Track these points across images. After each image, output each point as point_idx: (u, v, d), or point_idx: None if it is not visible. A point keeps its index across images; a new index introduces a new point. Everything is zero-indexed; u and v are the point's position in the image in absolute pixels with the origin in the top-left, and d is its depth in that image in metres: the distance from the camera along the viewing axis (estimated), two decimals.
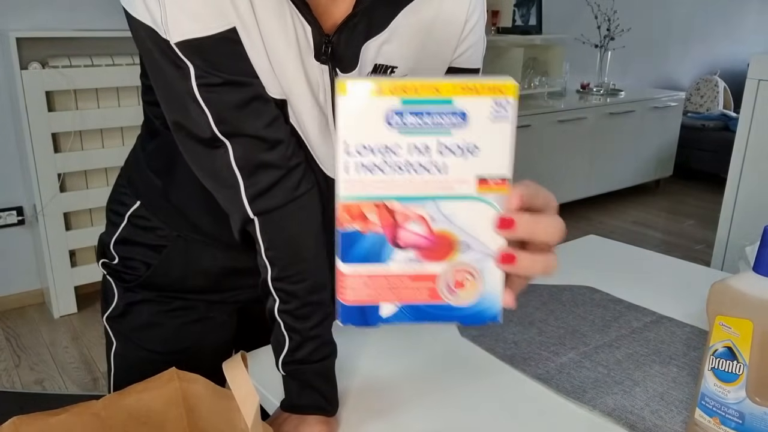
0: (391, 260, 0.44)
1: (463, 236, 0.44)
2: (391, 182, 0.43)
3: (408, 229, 0.44)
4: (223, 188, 0.66)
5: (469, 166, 0.43)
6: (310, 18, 0.63)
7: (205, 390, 0.64)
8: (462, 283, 0.45)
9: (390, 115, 0.42)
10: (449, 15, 0.70)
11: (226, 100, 0.62)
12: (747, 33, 5.75)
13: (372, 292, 0.45)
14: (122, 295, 0.88)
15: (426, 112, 0.42)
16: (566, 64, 4.16)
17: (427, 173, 0.43)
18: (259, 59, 0.63)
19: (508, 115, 0.43)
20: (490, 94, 0.42)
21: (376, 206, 0.43)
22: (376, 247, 0.44)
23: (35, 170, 2.52)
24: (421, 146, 0.43)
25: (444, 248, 0.44)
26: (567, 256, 1.22)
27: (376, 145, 0.43)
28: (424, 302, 0.45)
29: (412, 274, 0.45)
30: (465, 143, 0.43)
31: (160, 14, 0.58)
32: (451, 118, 0.43)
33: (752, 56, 1.96)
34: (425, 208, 0.44)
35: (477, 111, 0.42)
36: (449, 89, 0.42)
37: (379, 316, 0.45)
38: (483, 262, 0.45)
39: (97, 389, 2.25)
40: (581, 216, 4.15)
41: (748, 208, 2.01)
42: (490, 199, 0.44)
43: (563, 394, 0.78)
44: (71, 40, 2.61)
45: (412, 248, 0.44)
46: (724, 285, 0.63)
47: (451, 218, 0.44)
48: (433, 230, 0.44)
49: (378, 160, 0.43)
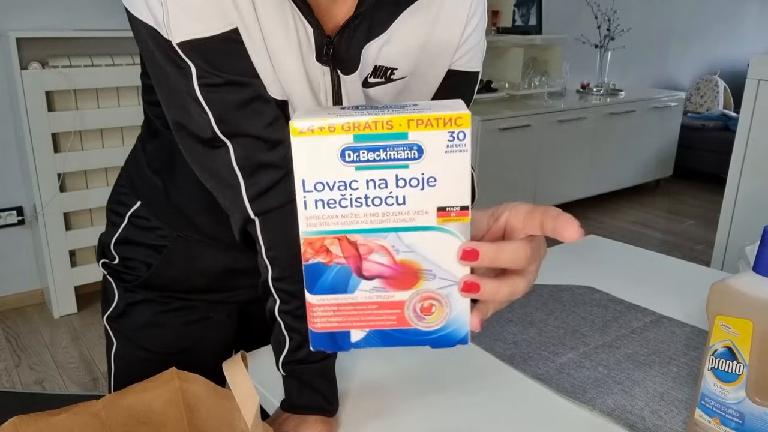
0: (357, 290, 0.45)
1: (427, 265, 0.45)
2: (351, 216, 0.44)
3: (371, 260, 0.45)
4: (224, 188, 0.66)
5: (429, 198, 0.44)
6: (311, 19, 0.63)
7: (205, 390, 0.64)
8: (429, 309, 0.46)
9: (344, 151, 0.43)
10: (450, 17, 0.70)
11: (227, 100, 0.62)
12: (747, 33, 5.75)
13: (341, 319, 0.46)
14: (122, 296, 0.88)
15: (381, 147, 0.43)
16: (566, 64, 4.16)
17: (386, 206, 0.44)
18: (260, 59, 0.63)
19: (463, 145, 0.43)
20: (444, 127, 0.42)
21: (338, 239, 0.44)
22: (342, 278, 0.45)
23: (35, 170, 2.52)
24: (379, 180, 0.43)
25: (409, 277, 0.45)
26: (567, 256, 1.22)
27: (333, 181, 0.43)
28: (393, 327, 0.46)
29: (379, 302, 0.46)
30: (423, 176, 0.43)
31: (162, 14, 0.58)
32: (407, 152, 0.43)
33: (752, 56, 1.96)
34: (387, 240, 0.44)
35: (433, 144, 0.43)
36: (403, 124, 0.42)
37: (350, 341, 0.47)
38: (449, 289, 0.46)
39: (97, 389, 2.25)
40: (581, 216, 4.15)
41: (748, 208, 2.01)
42: (452, 229, 0.44)
43: (563, 394, 0.78)
44: (71, 40, 2.61)
45: (378, 278, 0.45)
46: (724, 285, 0.63)
47: (413, 248, 0.45)
48: (397, 260, 0.45)
49: (336, 195, 0.43)
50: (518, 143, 3.65)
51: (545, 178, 3.88)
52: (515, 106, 3.80)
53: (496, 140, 3.51)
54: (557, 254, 1.24)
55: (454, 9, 0.70)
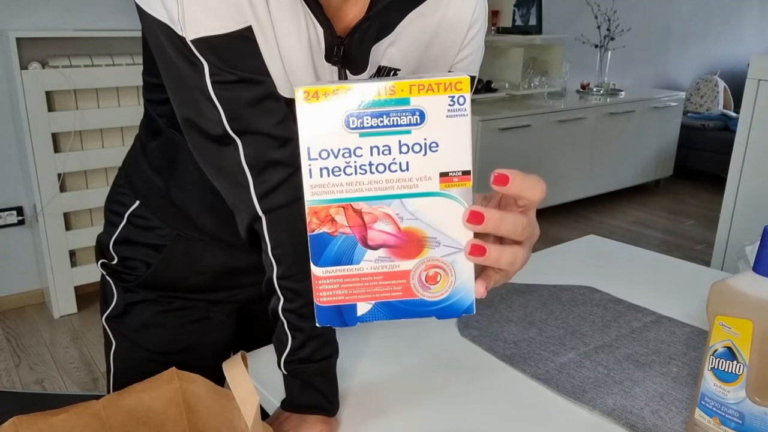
0: (363, 260, 0.45)
1: (431, 232, 0.45)
2: (355, 184, 0.44)
3: (376, 229, 0.45)
4: (232, 186, 0.66)
5: (431, 163, 0.45)
6: (322, 19, 0.63)
7: (205, 390, 0.64)
8: (434, 278, 0.46)
9: (348, 118, 0.43)
10: (453, 20, 0.71)
11: (239, 98, 0.62)
12: (747, 33, 5.75)
13: (346, 292, 0.46)
14: (122, 296, 0.88)
15: (384, 113, 0.44)
16: (566, 64, 4.17)
17: (390, 173, 0.44)
18: (271, 58, 0.63)
19: (464, 110, 0.44)
20: (445, 91, 0.43)
21: (343, 208, 0.44)
22: (347, 249, 0.45)
23: (35, 170, 2.52)
24: (383, 147, 0.44)
25: (413, 245, 0.46)
26: (567, 256, 1.22)
27: (338, 148, 0.44)
28: (398, 299, 0.46)
29: (385, 272, 0.46)
30: (425, 141, 0.44)
31: (178, 11, 0.58)
32: (409, 117, 0.44)
33: (752, 56, 1.96)
34: (391, 207, 0.45)
35: (434, 109, 0.44)
36: (405, 89, 0.43)
37: (356, 315, 0.46)
38: (453, 256, 0.46)
39: (97, 389, 2.25)
40: (581, 216, 4.15)
41: (748, 208, 2.01)
42: (454, 194, 0.45)
43: (563, 394, 0.78)
44: (71, 40, 2.61)
45: (383, 247, 0.45)
46: (724, 285, 0.63)
47: (417, 215, 0.45)
48: (401, 228, 0.45)
49: (341, 162, 0.44)
50: (518, 143, 3.65)
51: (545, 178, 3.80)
52: (515, 106, 3.80)
53: (496, 140, 3.51)
54: (557, 254, 1.24)
55: (458, 13, 0.71)
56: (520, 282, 1.10)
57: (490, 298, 1.03)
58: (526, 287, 1.08)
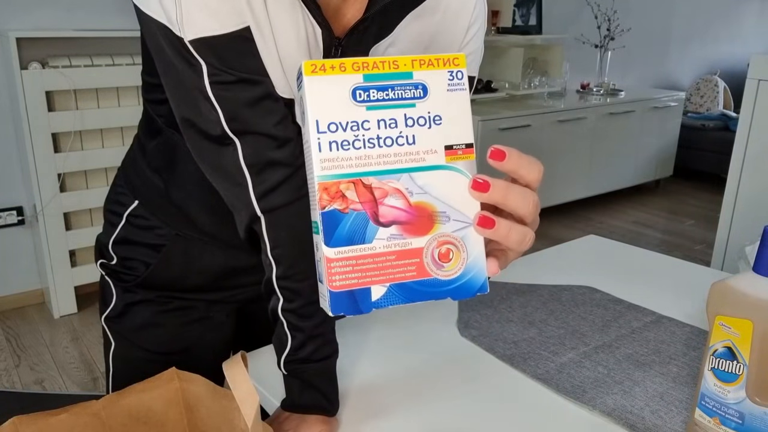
0: (375, 239, 0.45)
1: (441, 206, 0.46)
2: (364, 158, 0.44)
3: (387, 204, 0.45)
4: (231, 186, 0.66)
5: (436, 136, 0.45)
6: (321, 20, 0.63)
7: (205, 390, 0.64)
8: (447, 255, 0.46)
9: (355, 91, 0.44)
10: (452, 21, 0.71)
11: (238, 98, 0.62)
12: (747, 33, 5.75)
13: (360, 275, 0.45)
14: (121, 296, 0.88)
15: (389, 87, 0.45)
16: (566, 64, 4.17)
17: (397, 146, 0.45)
18: (270, 58, 0.63)
19: (462, 84, 0.45)
20: (444, 66, 0.45)
21: (353, 183, 0.44)
22: (359, 226, 0.45)
23: (35, 170, 2.52)
24: (389, 120, 0.45)
25: (424, 220, 0.46)
26: (567, 256, 1.22)
27: (346, 121, 0.44)
28: (413, 279, 0.46)
29: (398, 251, 0.45)
30: (429, 114, 0.45)
31: (176, 12, 0.58)
32: (413, 91, 0.45)
33: (752, 56, 1.96)
34: (401, 182, 0.45)
35: (435, 83, 0.45)
36: (407, 63, 0.45)
37: (370, 300, 0.45)
38: (464, 231, 0.46)
39: (97, 389, 2.26)
40: (581, 216, 4.15)
41: (748, 208, 2.01)
42: (460, 167, 0.46)
43: (563, 394, 0.78)
44: (71, 40, 2.61)
45: (394, 224, 0.45)
46: (724, 285, 0.63)
47: (426, 189, 0.45)
48: (411, 203, 0.45)
49: (349, 136, 0.44)
50: (518, 143, 3.65)
51: (545, 178, 3.87)
52: (515, 106, 3.79)
53: (496, 140, 3.51)
54: (557, 254, 1.24)
55: (457, 14, 0.71)
56: (520, 282, 1.10)
57: (490, 298, 1.03)
58: (526, 287, 1.08)
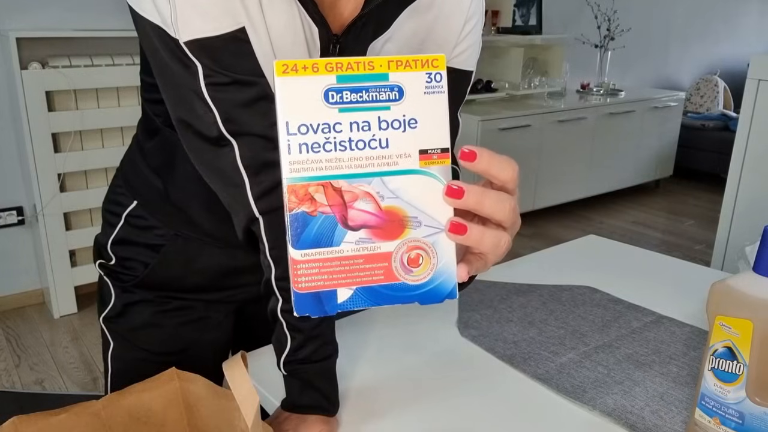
0: (343, 242, 0.44)
1: (412, 211, 0.45)
2: (335, 160, 0.43)
3: (357, 208, 0.44)
4: (229, 187, 0.65)
5: (410, 140, 0.44)
6: (317, 18, 0.63)
7: (205, 390, 0.64)
8: (416, 260, 0.45)
9: (327, 92, 0.43)
10: (449, 16, 0.71)
11: (233, 99, 0.62)
12: (747, 33, 5.75)
13: (326, 277, 0.44)
14: (120, 296, 0.88)
15: (363, 88, 0.43)
16: (566, 64, 4.17)
17: (370, 149, 0.44)
18: (266, 59, 0.63)
19: (440, 87, 0.44)
20: (422, 68, 0.44)
21: (323, 186, 0.43)
22: (327, 230, 0.44)
23: (35, 170, 2.52)
24: (362, 123, 0.43)
25: (395, 225, 0.44)
26: (567, 256, 1.22)
27: (317, 123, 0.43)
28: (381, 283, 0.45)
29: (366, 255, 0.44)
30: (404, 117, 0.44)
31: (170, 13, 0.58)
32: (388, 93, 0.44)
33: (752, 56, 1.95)
34: (372, 186, 0.44)
35: (412, 85, 0.44)
36: (384, 65, 0.43)
37: (336, 302, 0.44)
38: (435, 237, 0.45)
39: (97, 389, 2.25)
40: (581, 216, 4.15)
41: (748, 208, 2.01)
42: (434, 172, 0.45)
43: (563, 394, 0.78)
44: (71, 40, 2.61)
45: (363, 227, 0.44)
46: (724, 285, 0.63)
47: (398, 193, 0.44)
48: (382, 207, 0.44)
49: (320, 138, 0.43)
50: (518, 143, 3.65)
51: (545, 178, 3.88)
52: (515, 106, 3.79)
53: (495, 140, 3.51)
54: (557, 254, 1.24)
55: (454, 8, 0.71)
56: (520, 282, 1.10)
57: (490, 298, 1.03)
58: (526, 287, 1.08)
